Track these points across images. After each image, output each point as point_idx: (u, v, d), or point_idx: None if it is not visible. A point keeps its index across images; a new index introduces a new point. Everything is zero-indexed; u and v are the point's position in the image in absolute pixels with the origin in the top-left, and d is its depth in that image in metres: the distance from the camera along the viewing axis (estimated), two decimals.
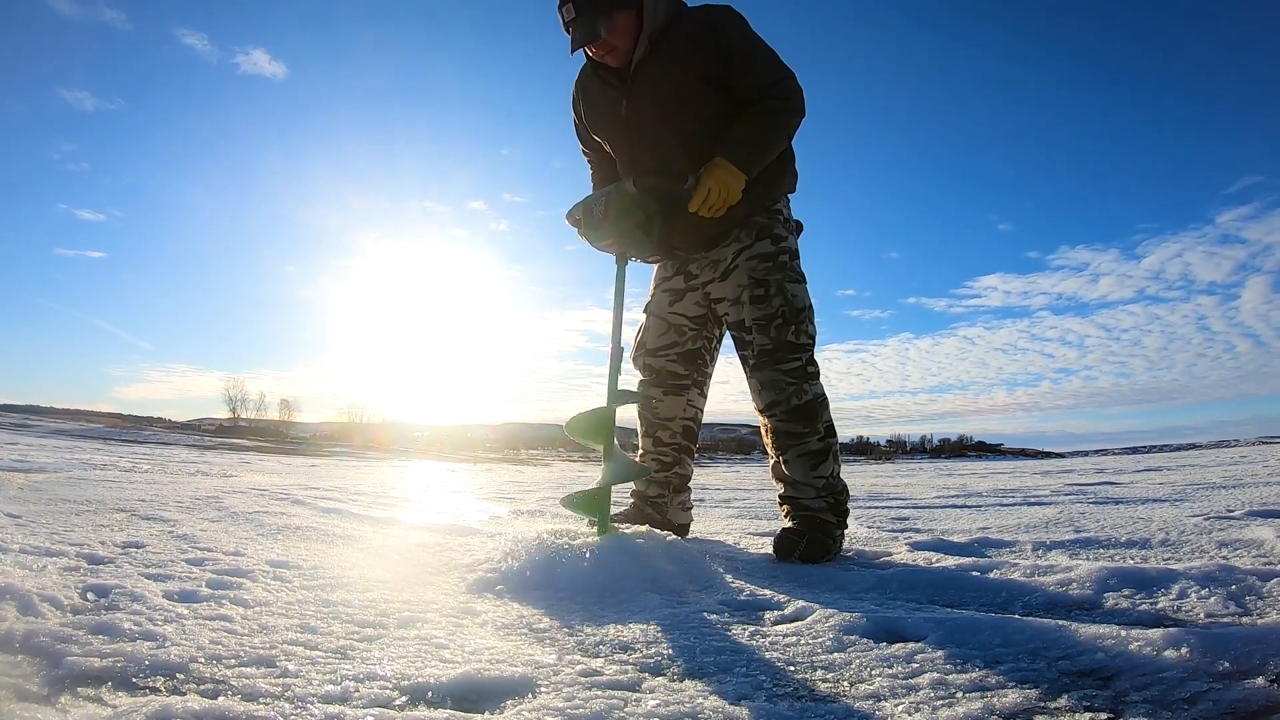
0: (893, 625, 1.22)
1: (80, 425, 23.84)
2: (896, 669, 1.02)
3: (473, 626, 1.26)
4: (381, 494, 4.56)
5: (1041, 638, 1.11)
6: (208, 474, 5.88)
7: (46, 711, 0.82)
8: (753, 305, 2.08)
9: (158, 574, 1.55)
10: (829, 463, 2.08)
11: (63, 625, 1.10)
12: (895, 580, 1.65)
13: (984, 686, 0.94)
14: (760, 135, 1.99)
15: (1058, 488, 5.04)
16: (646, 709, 0.86)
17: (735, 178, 1.95)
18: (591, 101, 2.24)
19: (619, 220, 1.98)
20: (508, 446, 41.97)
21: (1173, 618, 1.29)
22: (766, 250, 2.10)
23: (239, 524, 2.52)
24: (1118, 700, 0.89)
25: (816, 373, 2.11)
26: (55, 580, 1.40)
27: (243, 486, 4.50)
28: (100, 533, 2.09)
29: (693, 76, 2.04)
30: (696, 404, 2.35)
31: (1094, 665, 1.00)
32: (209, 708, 0.80)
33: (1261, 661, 0.96)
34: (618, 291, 2.06)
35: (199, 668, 0.96)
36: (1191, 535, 2.18)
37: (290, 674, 0.96)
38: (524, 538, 1.69)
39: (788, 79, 2.04)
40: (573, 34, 2.00)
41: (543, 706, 0.87)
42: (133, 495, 3.33)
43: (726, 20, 2.05)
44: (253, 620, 1.23)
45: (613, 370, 1.99)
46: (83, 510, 2.64)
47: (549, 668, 1.02)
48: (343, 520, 2.83)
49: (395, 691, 0.91)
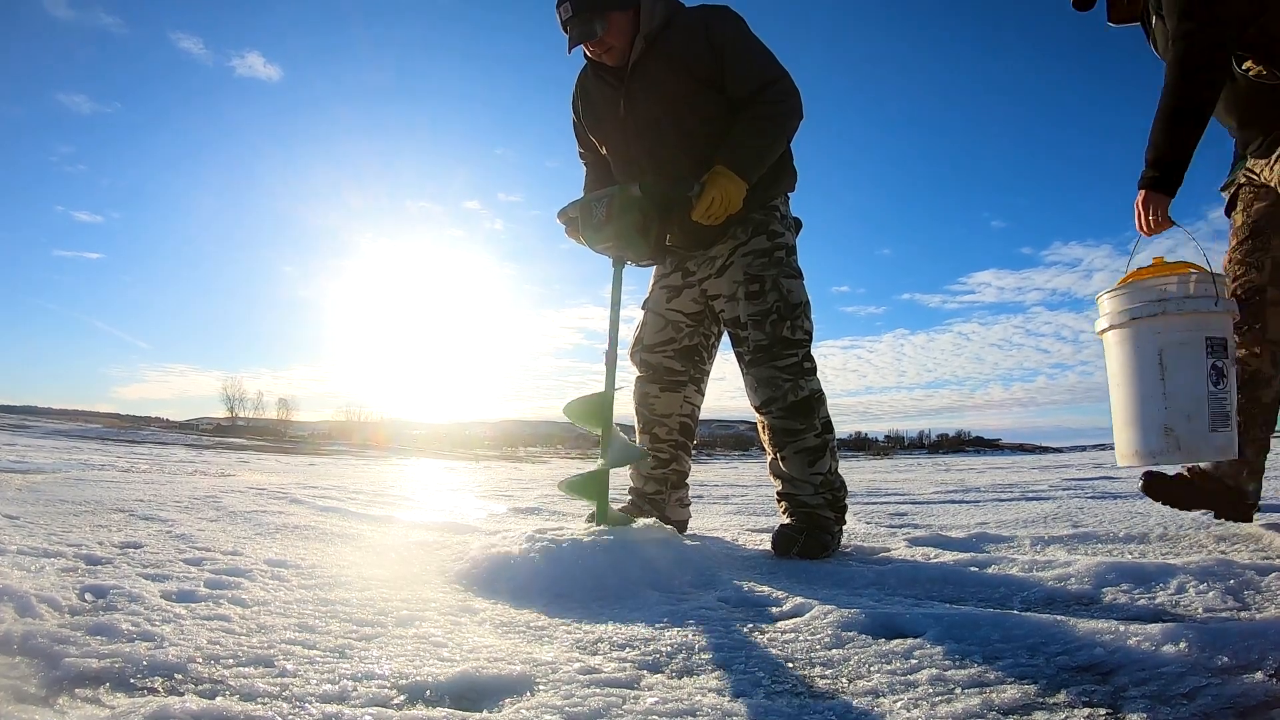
0: (891, 621, 1.22)
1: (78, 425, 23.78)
2: (895, 665, 1.02)
3: (471, 625, 1.26)
4: (379, 492, 4.55)
5: (1040, 633, 1.11)
6: (206, 473, 5.87)
7: (44, 712, 0.81)
8: (748, 301, 2.08)
9: (156, 574, 1.54)
10: (826, 459, 2.08)
11: (60, 626, 1.10)
12: (894, 576, 1.65)
13: (983, 682, 0.94)
14: (759, 141, 1.98)
15: (1055, 483, 5.05)
16: (645, 706, 0.86)
17: (737, 186, 1.95)
18: (591, 101, 2.23)
19: (620, 222, 1.98)
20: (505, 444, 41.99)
21: (1171, 613, 1.29)
22: (762, 246, 2.09)
23: (237, 523, 2.52)
24: (1116, 695, 0.89)
25: (813, 369, 2.10)
26: (53, 581, 1.39)
27: (241, 486, 4.50)
28: (98, 533, 2.09)
29: (688, 77, 2.03)
30: (693, 400, 2.35)
31: (1093, 660, 1.00)
32: (207, 708, 0.80)
33: (1260, 656, 0.96)
34: (614, 294, 2.05)
35: (197, 668, 0.96)
36: (1189, 530, 2.18)
37: (288, 673, 0.96)
38: (522, 535, 1.68)
39: (782, 80, 2.03)
40: (570, 33, 2.00)
41: (541, 704, 0.87)
42: (131, 495, 3.33)
43: (721, 20, 2.04)
44: (251, 620, 1.23)
45: (609, 372, 2.00)
46: (81, 511, 2.63)
47: (547, 666, 1.01)
48: (341, 519, 2.82)
49: (393, 690, 0.91)
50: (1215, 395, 1.65)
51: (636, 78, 2.08)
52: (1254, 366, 2.01)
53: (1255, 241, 2.01)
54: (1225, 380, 1.65)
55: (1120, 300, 1.77)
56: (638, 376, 2.35)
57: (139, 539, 1.99)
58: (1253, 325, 1.99)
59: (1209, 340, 1.65)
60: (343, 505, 3.37)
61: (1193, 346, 1.66)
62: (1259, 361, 2.01)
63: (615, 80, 2.13)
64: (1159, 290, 1.71)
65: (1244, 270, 2.01)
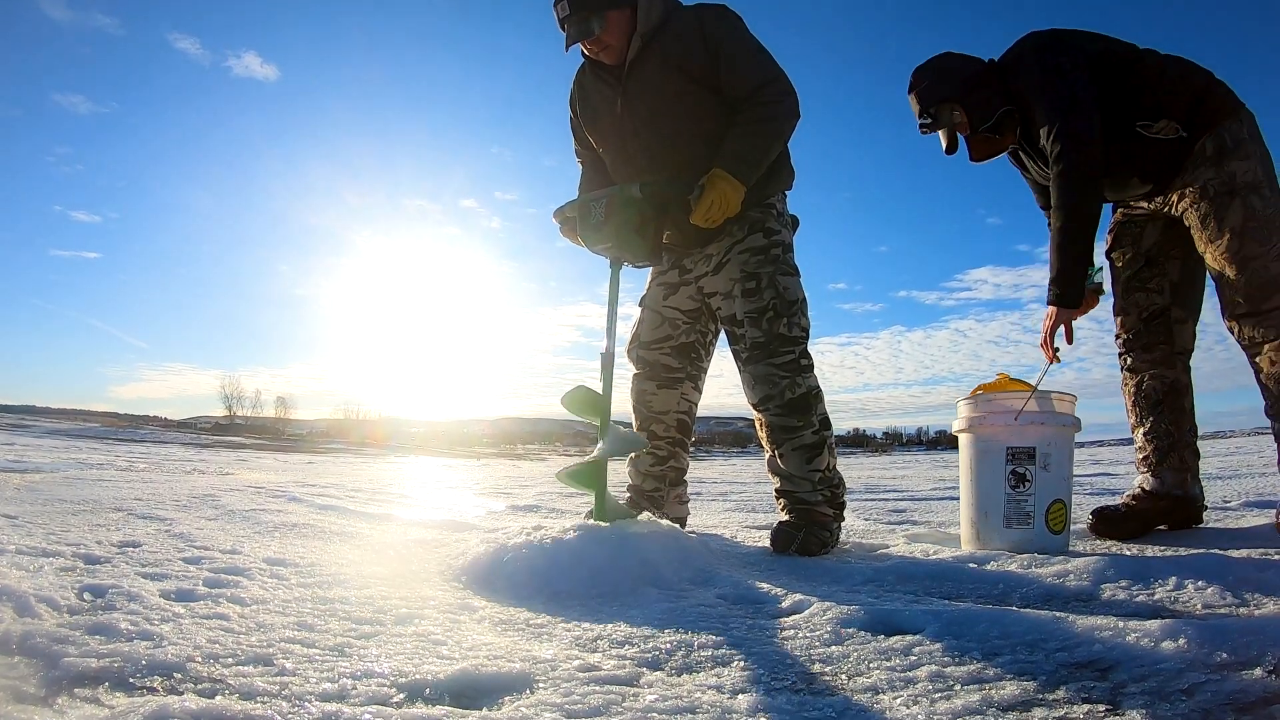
0: (890, 618, 1.22)
1: (76, 425, 23.78)
2: (894, 661, 1.02)
3: (470, 622, 1.26)
4: (378, 490, 4.55)
5: (1039, 629, 1.11)
6: (204, 472, 5.87)
7: (44, 712, 0.81)
8: (744, 299, 2.08)
9: (154, 573, 1.54)
10: (824, 456, 2.08)
11: (59, 626, 1.10)
12: (892, 573, 1.65)
13: (982, 679, 0.94)
14: (756, 144, 1.98)
15: None
16: (645, 704, 0.86)
17: (735, 190, 1.95)
18: (588, 99, 2.23)
19: (618, 223, 1.98)
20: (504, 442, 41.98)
21: (1170, 609, 1.29)
22: (758, 244, 2.09)
23: (236, 522, 2.52)
24: (1116, 691, 0.89)
25: (810, 366, 2.10)
26: (52, 581, 1.39)
27: (239, 484, 4.50)
28: (97, 532, 2.09)
29: (684, 76, 2.03)
30: (690, 398, 2.35)
31: (1091, 657, 1.00)
32: (206, 707, 0.80)
33: (1259, 652, 0.96)
34: (612, 295, 2.05)
35: (196, 667, 0.96)
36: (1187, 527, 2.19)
37: (288, 672, 0.96)
38: (521, 533, 1.68)
39: (777, 80, 2.02)
40: (567, 30, 2.00)
41: (540, 702, 0.87)
42: (129, 494, 3.33)
43: (717, 19, 2.03)
44: (250, 619, 1.22)
45: (606, 374, 1.99)
46: (79, 510, 2.63)
47: (546, 663, 1.01)
48: (339, 517, 2.82)
49: (393, 689, 0.91)
50: (1012, 497, 1.89)
51: (633, 76, 2.08)
52: (1171, 378, 2.18)
53: (1151, 269, 2.21)
54: (1028, 484, 1.88)
55: (962, 409, 2.03)
56: (634, 373, 2.35)
57: (137, 538, 1.99)
58: (1161, 343, 2.19)
59: (1009, 450, 1.89)
60: (341, 503, 3.37)
61: (994, 455, 1.92)
62: (1175, 373, 2.19)
63: (612, 79, 2.13)
64: (980, 405, 1.98)
65: (1146, 296, 2.21)
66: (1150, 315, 2.19)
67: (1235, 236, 1.95)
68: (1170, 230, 2.16)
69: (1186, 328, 2.19)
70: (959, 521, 2.07)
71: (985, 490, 1.93)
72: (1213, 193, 1.98)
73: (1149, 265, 2.20)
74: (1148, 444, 2.20)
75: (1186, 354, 2.20)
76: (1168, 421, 2.16)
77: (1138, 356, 2.21)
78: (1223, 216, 1.97)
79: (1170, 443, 2.16)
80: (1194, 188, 2.02)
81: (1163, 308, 2.18)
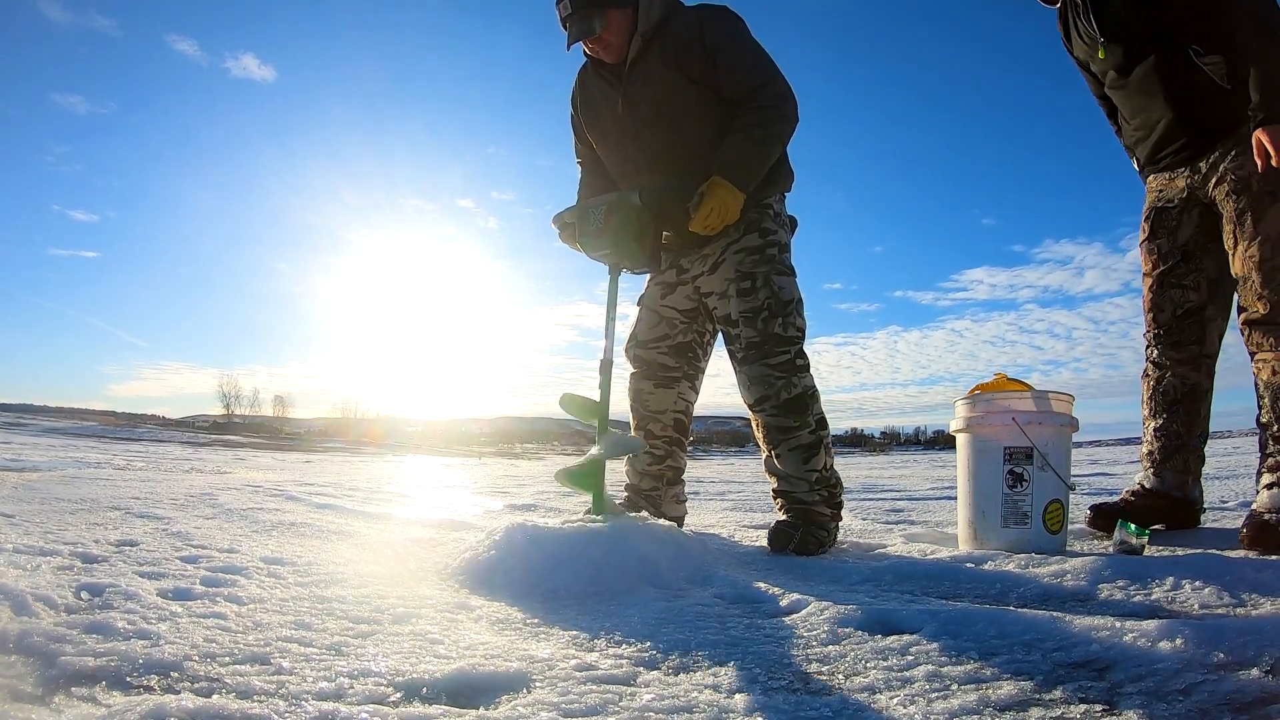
0: (887, 617, 1.22)
1: (74, 423, 23.74)
2: (891, 661, 1.02)
3: (467, 622, 1.26)
4: (376, 489, 4.55)
5: (1036, 629, 1.11)
6: (202, 471, 5.87)
7: (41, 711, 0.81)
8: (739, 298, 2.08)
9: (152, 572, 1.54)
10: (821, 455, 2.08)
11: (56, 625, 1.10)
12: (890, 572, 1.65)
13: (979, 679, 0.95)
14: (755, 150, 1.98)
15: None
16: (642, 703, 0.86)
17: (735, 197, 1.95)
18: (589, 98, 2.23)
19: (618, 230, 1.97)
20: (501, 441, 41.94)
21: (1167, 609, 1.29)
22: (754, 244, 2.09)
23: (233, 521, 2.51)
24: (1113, 691, 0.89)
25: (806, 366, 2.10)
26: (49, 579, 1.39)
27: (237, 483, 4.49)
28: (94, 531, 2.08)
29: (683, 76, 2.03)
30: (687, 397, 2.35)
31: (1089, 657, 1.00)
32: (203, 706, 0.80)
33: (1256, 653, 0.96)
34: (610, 301, 2.05)
35: (193, 666, 0.96)
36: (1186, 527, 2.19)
37: (285, 671, 0.96)
38: (519, 532, 1.68)
39: (775, 82, 2.02)
40: (569, 29, 2.00)
41: (538, 701, 0.87)
42: (127, 493, 3.32)
43: (716, 19, 2.03)
44: (247, 618, 1.22)
45: (604, 380, 1.99)
46: (77, 509, 2.63)
47: (544, 662, 1.01)
48: (337, 516, 2.82)
49: (390, 688, 0.90)
50: (1010, 497, 1.89)
51: (634, 75, 2.08)
52: (1193, 381, 2.15)
53: (1187, 265, 2.14)
54: (1026, 483, 1.88)
55: (960, 409, 2.03)
56: (632, 372, 2.35)
57: (135, 537, 1.99)
58: (1190, 342, 2.14)
59: (1007, 450, 1.90)
60: (339, 502, 3.37)
61: (991, 454, 1.92)
62: (1198, 376, 2.15)
63: (613, 78, 2.13)
64: (978, 405, 1.98)
65: (1181, 293, 2.15)
66: (1185, 313, 2.14)
67: (1269, 242, 1.89)
68: (1205, 220, 2.09)
69: (1217, 326, 2.14)
70: (956, 521, 2.07)
71: (983, 490, 1.93)
72: (1255, 188, 1.90)
73: (1185, 260, 2.13)
74: (1155, 441, 2.18)
75: (1213, 358, 2.16)
76: (1179, 423, 2.15)
77: (1164, 353, 2.17)
78: (1260, 218, 1.90)
79: (1178, 445, 2.15)
80: (1235, 176, 1.94)
81: (1198, 305, 2.12)
